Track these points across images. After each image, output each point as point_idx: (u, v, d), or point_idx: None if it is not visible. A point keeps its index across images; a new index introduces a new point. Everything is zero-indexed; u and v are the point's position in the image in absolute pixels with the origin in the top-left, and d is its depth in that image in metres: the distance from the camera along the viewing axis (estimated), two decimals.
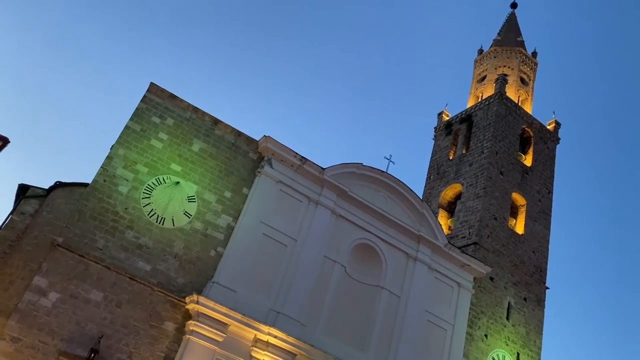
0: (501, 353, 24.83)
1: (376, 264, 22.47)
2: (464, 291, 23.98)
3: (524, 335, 25.97)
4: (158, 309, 17.75)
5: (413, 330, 21.76)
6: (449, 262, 24.00)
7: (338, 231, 21.90)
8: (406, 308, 22.06)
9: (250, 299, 18.91)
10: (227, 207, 20.17)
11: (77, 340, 16.23)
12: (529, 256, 28.23)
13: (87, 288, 16.91)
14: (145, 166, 19.18)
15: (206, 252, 19.23)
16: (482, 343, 24.46)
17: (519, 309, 26.40)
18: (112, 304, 17.12)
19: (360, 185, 22.87)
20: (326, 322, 20.29)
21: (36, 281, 16.31)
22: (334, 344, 19.81)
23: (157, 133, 19.83)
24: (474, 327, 24.38)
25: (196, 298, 17.66)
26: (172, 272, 18.41)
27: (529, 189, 30.35)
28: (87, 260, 17.15)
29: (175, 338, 17.72)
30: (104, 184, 18.31)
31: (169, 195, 19.18)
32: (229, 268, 19.04)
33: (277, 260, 20.18)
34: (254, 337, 18.39)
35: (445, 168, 32.46)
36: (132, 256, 17.94)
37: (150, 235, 18.47)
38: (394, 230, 23.07)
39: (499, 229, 27.80)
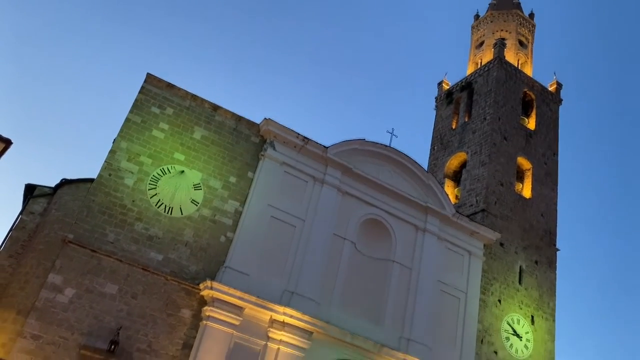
0: (515, 317, 25.02)
1: (385, 238, 22.56)
2: (475, 259, 24.09)
3: (537, 298, 26.13)
4: (173, 298, 17.95)
5: (426, 301, 21.94)
6: (458, 231, 24.07)
7: (345, 208, 21.95)
8: (418, 279, 22.21)
9: (263, 281, 19.08)
10: (234, 192, 20.23)
11: (97, 334, 16.49)
12: (538, 219, 28.24)
13: (101, 282, 17.11)
14: (149, 157, 19.21)
15: (216, 238, 19.35)
16: (496, 308, 24.64)
17: (531, 272, 26.52)
18: (128, 296, 17.33)
19: (365, 161, 22.84)
20: (340, 299, 20.48)
21: (51, 278, 16.51)
22: (349, 319, 20.03)
23: (158, 123, 19.81)
24: (487, 293, 24.54)
25: (210, 284, 17.84)
26: (184, 260, 18.58)
27: (534, 152, 30.23)
28: (99, 254, 17.33)
29: (192, 325, 17.95)
30: (109, 178, 18.38)
31: (175, 185, 19.24)
32: (240, 252, 19.18)
33: (287, 241, 20.30)
34: (269, 318, 18.61)
35: (449, 138, 32.32)
36: (143, 247, 18.10)
37: (159, 225, 18.59)
38: (401, 203, 23.11)
39: (506, 195, 27.78)
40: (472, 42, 38.15)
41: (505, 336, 24.38)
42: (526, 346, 24.78)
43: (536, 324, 25.52)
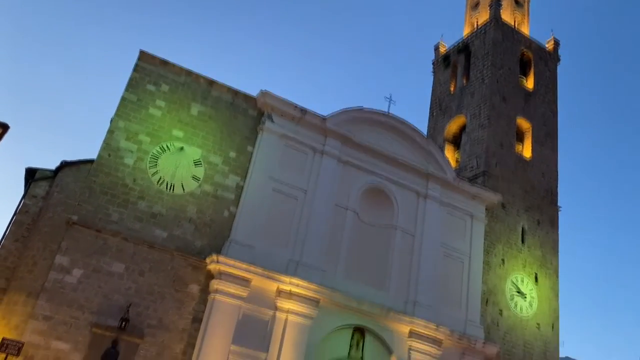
0: (519, 276, 25.30)
1: (387, 206, 22.67)
2: (477, 221, 24.24)
3: (540, 257, 26.37)
4: (180, 273, 18.15)
5: (430, 265, 22.17)
6: (460, 195, 24.16)
7: (346, 178, 22.00)
8: (421, 245, 22.39)
9: (268, 253, 19.26)
10: (234, 167, 20.24)
11: (107, 312, 16.74)
12: (539, 180, 28.28)
13: (108, 261, 17.28)
14: (147, 136, 19.18)
15: (219, 213, 19.46)
16: (499, 269, 24.91)
17: (533, 232, 26.70)
18: (135, 274, 17.53)
19: (364, 130, 22.78)
20: (345, 267, 20.70)
21: (58, 260, 16.68)
22: (354, 286, 20.28)
23: (154, 101, 19.71)
24: (490, 255, 24.77)
25: (216, 258, 18.02)
26: (188, 236, 18.71)
27: (533, 112, 30.09)
28: (104, 234, 17.46)
29: (200, 299, 18.20)
30: (109, 158, 18.39)
31: (175, 162, 19.26)
32: (244, 226, 19.31)
33: (289, 213, 20.40)
34: (276, 289, 18.85)
35: (448, 102, 32.14)
36: (147, 225, 18.22)
37: (162, 203, 18.67)
38: (402, 170, 23.14)
39: (507, 156, 27.76)
40: (467, 3, 37.57)
41: (509, 296, 24.71)
42: (531, 304, 25.14)
43: (540, 283, 25.83)
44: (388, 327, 20.39)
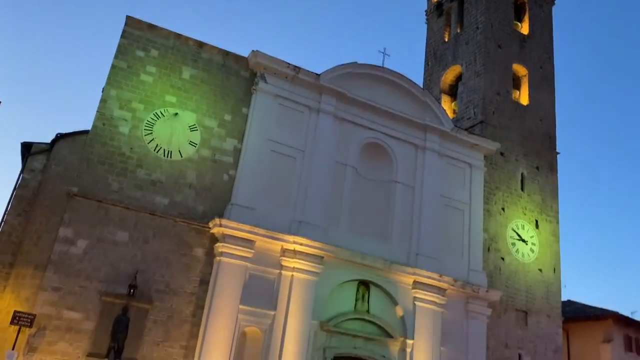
0: (520, 223, 25.56)
1: (386, 160, 22.67)
2: (477, 170, 24.32)
3: (540, 203, 26.56)
4: (184, 238, 18.32)
5: (432, 216, 22.36)
6: (458, 145, 24.13)
7: (344, 135, 21.91)
8: (422, 197, 22.52)
9: (270, 214, 19.38)
10: (230, 130, 20.12)
11: (115, 280, 16.98)
12: (537, 125, 28.18)
13: (111, 230, 17.40)
14: (140, 103, 18.98)
15: (219, 177, 19.48)
16: (500, 217, 25.14)
17: (532, 178, 26.80)
18: (140, 241, 17.68)
19: (359, 85, 22.53)
20: (347, 223, 20.88)
21: (62, 232, 16.79)
22: (357, 241, 20.51)
23: (145, 67, 19.41)
24: (490, 203, 24.94)
25: (219, 222, 18.14)
26: (190, 201, 18.79)
27: (529, 57, 29.68)
28: (105, 204, 17.51)
29: (206, 262, 18.43)
30: (104, 127, 18.25)
31: (171, 128, 19.13)
32: (244, 188, 19.36)
33: (289, 173, 20.42)
34: (280, 248, 19.07)
35: (442, 51, 31.66)
36: (148, 193, 18.26)
37: (161, 170, 18.66)
38: (399, 123, 23.03)
39: (504, 104, 27.58)
40: None
41: (511, 242, 25.02)
42: (532, 250, 25.48)
43: (540, 228, 26.11)
44: (392, 279, 20.74)
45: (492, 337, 22.84)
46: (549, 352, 24.40)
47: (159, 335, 17.17)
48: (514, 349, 23.58)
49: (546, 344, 24.47)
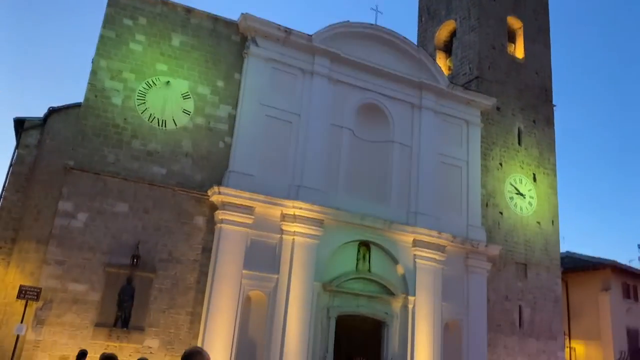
0: (517, 177, 25.64)
1: (383, 121, 22.56)
2: (473, 127, 24.24)
3: (537, 156, 26.58)
4: (184, 207, 18.39)
5: (429, 175, 22.41)
6: (454, 102, 23.98)
7: (339, 97, 21.72)
8: (419, 156, 22.51)
9: (268, 180, 19.40)
10: (224, 96, 19.93)
11: (117, 251, 17.12)
12: (533, 79, 27.92)
13: (111, 202, 17.44)
14: (131, 72, 18.72)
15: (215, 145, 19.41)
16: (498, 172, 25.20)
17: (529, 132, 26.74)
18: (140, 212, 17.75)
19: (352, 45, 22.20)
20: (345, 185, 20.94)
21: (61, 206, 16.83)
22: (356, 203, 20.60)
23: (134, 36, 19.07)
24: (487, 158, 24.96)
25: (217, 189, 18.18)
26: (187, 170, 18.77)
27: (524, 9, 29.14)
28: (103, 177, 17.50)
29: (207, 229, 18.54)
30: (96, 99, 18.06)
31: (163, 97, 18.93)
32: (241, 155, 19.32)
33: (285, 138, 20.34)
34: (280, 213, 19.16)
35: (436, 6, 31.05)
36: (145, 164, 18.22)
37: (156, 140, 18.57)
38: (394, 83, 22.81)
39: (499, 58, 27.25)
40: None
41: (509, 197, 25.16)
42: (530, 203, 25.65)
43: (538, 181, 26.21)
44: (392, 239, 20.94)
45: (492, 290, 23.23)
46: (548, 303, 24.87)
47: (164, 303, 17.44)
48: (514, 302, 24.02)
49: (546, 295, 24.91)
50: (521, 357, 23.48)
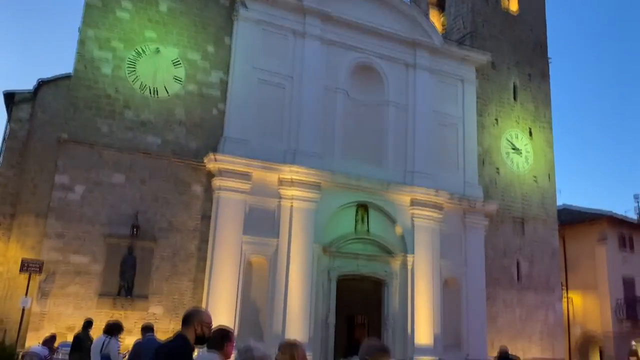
0: (513, 133, 25.59)
1: (377, 81, 22.34)
2: (468, 84, 24.04)
3: (533, 111, 26.46)
4: (181, 176, 18.37)
5: (425, 135, 22.33)
6: (449, 60, 23.70)
7: (332, 58, 21.43)
8: (415, 116, 22.39)
9: (264, 145, 19.33)
10: (215, 62, 19.64)
11: (117, 222, 17.19)
12: (527, 33, 27.51)
13: (107, 174, 17.40)
14: (119, 41, 18.38)
15: (208, 112, 19.25)
16: (493, 128, 25.14)
17: (525, 87, 26.53)
18: (137, 182, 17.74)
19: (343, 4, 21.76)
20: (341, 148, 20.88)
21: (58, 180, 16.80)
22: (353, 166, 20.60)
23: (120, 3, 18.63)
24: (483, 115, 24.84)
25: (213, 157, 18.13)
26: (182, 139, 18.67)
27: None
28: (97, 148, 17.40)
29: (205, 197, 18.58)
30: (85, 70, 17.79)
31: (154, 65, 18.64)
32: (235, 121, 19.19)
33: (279, 102, 20.16)
34: (277, 179, 19.17)
35: None
36: (138, 134, 18.10)
37: (149, 109, 18.39)
38: (388, 41, 22.47)
39: (493, 13, 26.77)
40: None
41: (505, 153, 25.17)
42: (526, 159, 25.68)
43: (534, 136, 26.18)
44: (389, 200, 21.03)
45: (490, 247, 23.50)
46: (546, 257, 25.20)
47: (166, 271, 17.62)
48: (512, 257, 24.34)
49: (543, 249, 25.23)
50: (520, 309, 23.96)
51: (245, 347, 3.41)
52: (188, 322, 3.82)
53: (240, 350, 3.40)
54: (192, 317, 3.84)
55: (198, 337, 3.80)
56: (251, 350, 3.39)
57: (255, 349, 3.41)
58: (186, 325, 3.81)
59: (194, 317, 3.83)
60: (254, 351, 3.39)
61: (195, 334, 3.78)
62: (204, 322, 3.85)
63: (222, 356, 4.13)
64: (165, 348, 3.72)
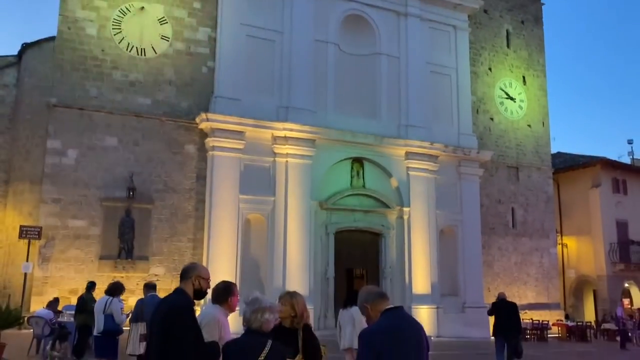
0: (507, 81, 25.40)
1: (368, 32, 21.93)
2: (461, 32, 23.63)
3: (526, 58, 26.17)
4: (174, 137, 18.26)
5: (418, 86, 22.10)
6: (440, 7, 23.21)
7: (321, 10, 20.94)
8: (407, 67, 22.11)
9: (256, 103, 19.13)
10: (201, 18, 19.19)
11: (112, 185, 17.19)
12: None
13: (99, 137, 17.28)
14: (103, 0, 17.88)
15: (198, 71, 18.96)
16: (487, 77, 24.92)
17: (518, 33, 26.14)
18: (130, 145, 17.64)
19: None
20: (334, 103, 20.70)
21: (50, 145, 16.68)
22: (346, 120, 20.46)
23: None
24: (476, 64, 24.56)
25: (205, 116, 17.97)
26: (172, 99, 18.46)
27: None
28: (87, 111, 17.21)
29: (200, 157, 18.53)
30: (70, 31, 17.37)
31: (139, 24, 18.21)
32: (226, 79, 18.92)
33: (269, 58, 19.83)
34: (271, 136, 19.07)
35: None
36: (128, 95, 17.87)
37: (137, 69, 18.09)
38: None
39: None
40: None
41: (499, 101, 25.05)
42: (520, 106, 25.59)
43: (528, 83, 26.00)
44: (384, 153, 21.02)
45: (485, 195, 23.69)
46: (540, 203, 25.48)
47: (165, 232, 17.76)
48: (506, 204, 24.59)
49: (537, 195, 25.47)
50: (515, 256, 24.39)
51: (253, 298, 3.48)
52: (186, 277, 3.85)
53: (248, 302, 3.46)
54: (189, 271, 3.88)
55: (196, 291, 3.84)
56: (259, 301, 3.45)
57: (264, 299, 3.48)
58: (184, 280, 3.85)
59: (192, 272, 3.87)
60: (263, 302, 3.45)
61: (194, 288, 3.83)
62: (202, 276, 3.89)
63: (227, 309, 4.22)
64: (165, 304, 3.76)
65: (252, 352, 3.25)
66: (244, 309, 3.50)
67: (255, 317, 3.40)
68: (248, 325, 3.43)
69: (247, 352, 3.26)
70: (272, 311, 3.47)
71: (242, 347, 3.32)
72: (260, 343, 3.30)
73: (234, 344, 3.39)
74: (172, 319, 3.54)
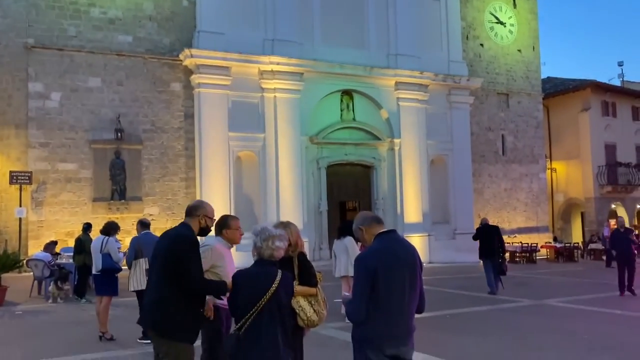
0: (497, 5, 24.77)
1: None
2: None
3: None
4: (158, 75, 17.87)
5: (407, 13, 21.45)
6: None
7: None
8: None
9: (241, 36, 18.60)
10: None
11: (99, 127, 16.96)
12: None
13: (82, 78, 16.87)
14: None
15: (178, 4, 18.31)
16: (477, 1, 24.31)
17: None
18: (114, 85, 17.27)
19: None
20: (321, 34, 20.17)
21: (32, 88, 16.30)
22: (334, 52, 20.00)
23: None
24: None
25: (189, 52, 17.51)
26: (154, 35, 17.91)
27: None
28: (67, 52, 16.70)
29: (186, 95, 18.23)
30: None
31: None
32: (208, 12, 18.29)
33: None
34: (258, 71, 18.70)
35: None
36: (108, 33, 17.30)
37: (115, 5, 17.43)
38: None
39: None
40: None
41: (489, 27, 24.53)
42: (510, 31, 25.11)
43: (518, 7, 25.39)
44: (374, 84, 20.74)
45: (475, 123, 23.68)
46: (530, 129, 25.55)
47: (156, 172, 17.73)
48: (497, 131, 24.64)
49: (527, 121, 25.49)
50: (505, 182, 24.71)
51: (262, 227, 3.53)
52: (192, 214, 3.83)
53: (257, 232, 3.50)
54: (197, 209, 3.85)
55: (202, 229, 3.86)
56: (268, 229, 3.50)
57: (272, 229, 3.53)
58: (190, 217, 3.83)
59: (199, 210, 3.85)
60: (271, 230, 3.49)
61: (200, 226, 3.83)
62: (208, 215, 3.90)
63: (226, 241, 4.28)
64: (173, 231, 3.78)
65: (265, 281, 3.30)
66: (253, 240, 3.53)
67: (266, 244, 3.44)
68: (259, 255, 3.47)
69: (259, 281, 3.31)
70: (281, 239, 3.52)
71: (254, 277, 3.36)
72: (271, 273, 3.36)
73: (244, 274, 3.43)
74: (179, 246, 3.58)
